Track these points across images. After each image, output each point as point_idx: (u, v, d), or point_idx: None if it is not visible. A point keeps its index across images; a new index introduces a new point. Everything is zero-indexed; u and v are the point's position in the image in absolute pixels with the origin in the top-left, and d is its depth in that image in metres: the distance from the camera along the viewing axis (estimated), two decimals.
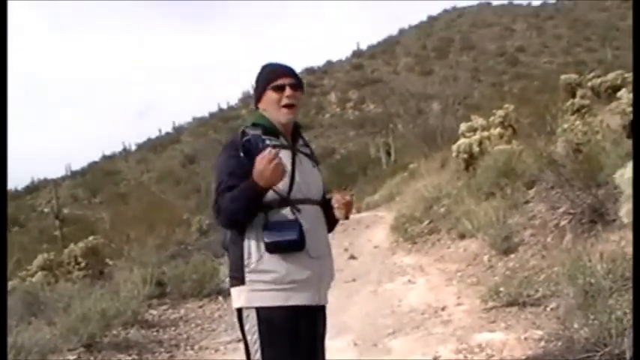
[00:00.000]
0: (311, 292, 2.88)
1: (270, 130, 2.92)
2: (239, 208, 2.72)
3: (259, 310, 2.78)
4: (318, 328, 3.00)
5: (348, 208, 2.97)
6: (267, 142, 2.83)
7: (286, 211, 2.82)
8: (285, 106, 2.94)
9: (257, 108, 3.07)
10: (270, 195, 2.77)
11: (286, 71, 3.00)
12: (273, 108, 2.95)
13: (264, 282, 2.76)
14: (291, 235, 2.78)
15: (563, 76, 12.71)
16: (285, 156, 2.84)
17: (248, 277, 2.78)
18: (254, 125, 2.93)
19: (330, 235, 3.07)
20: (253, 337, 2.81)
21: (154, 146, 62.67)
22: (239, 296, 2.82)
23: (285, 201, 2.82)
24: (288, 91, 2.94)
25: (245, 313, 2.82)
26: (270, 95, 2.96)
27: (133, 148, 65.09)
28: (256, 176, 2.65)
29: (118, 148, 65.16)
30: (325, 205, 3.00)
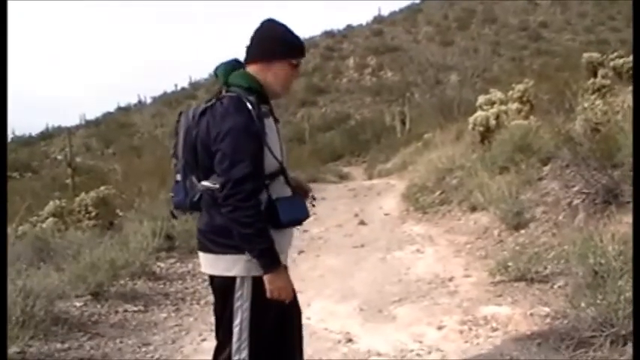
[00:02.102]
0: (287, 259, 2.93)
1: (264, 98, 2.85)
2: (252, 230, 2.68)
3: (255, 279, 2.79)
4: None
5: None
6: (263, 109, 2.78)
7: (282, 183, 2.86)
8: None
9: (246, 65, 2.90)
10: (273, 164, 2.79)
11: (304, 49, 2.94)
12: (279, 81, 2.87)
13: None
14: (302, 212, 2.90)
15: (585, 55, 12.52)
16: (272, 125, 2.85)
17: None
18: (249, 90, 2.81)
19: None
20: (245, 304, 2.81)
21: (168, 101, 62.38)
22: (234, 265, 2.79)
23: (281, 170, 2.84)
24: (297, 72, 2.91)
25: (239, 282, 2.81)
26: (285, 69, 2.87)
27: (149, 101, 64.97)
28: (279, 281, 2.77)
29: (133, 100, 65.12)
30: None
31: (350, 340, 4.70)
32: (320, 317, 5.32)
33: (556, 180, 7.36)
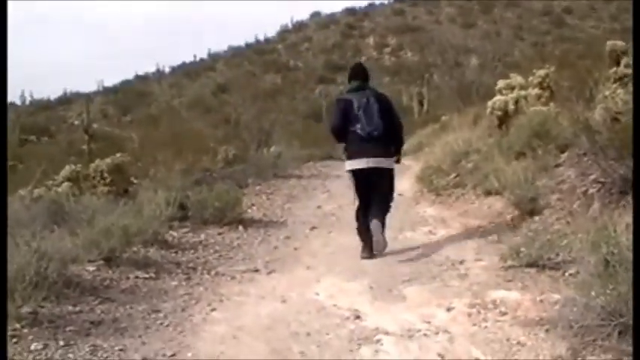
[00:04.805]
0: None
1: None
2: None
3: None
4: None
5: None
6: None
7: None
8: None
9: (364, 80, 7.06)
10: None
11: None
12: None
13: None
14: None
15: (608, 42, 12.34)
16: None
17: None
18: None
19: None
20: (393, 179, 7.05)
21: (187, 71, 62.35)
22: (391, 164, 6.97)
23: None
24: None
25: (393, 171, 7.05)
26: None
27: (167, 70, 64.89)
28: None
29: (152, 69, 64.92)
30: None
31: (358, 318, 4.71)
32: (329, 293, 5.36)
33: (573, 168, 7.33)
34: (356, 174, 6.82)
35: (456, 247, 6.80)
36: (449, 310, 4.78)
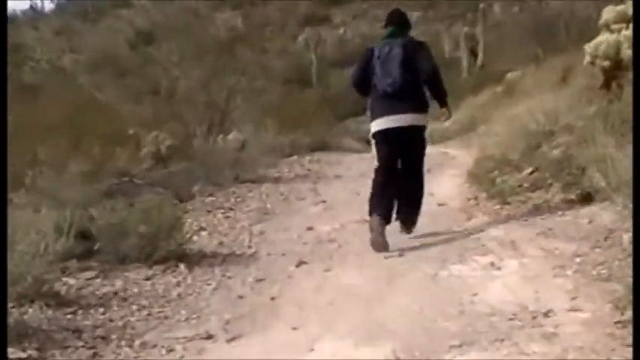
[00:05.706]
0: None
1: None
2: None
3: None
4: None
5: None
6: None
7: None
8: None
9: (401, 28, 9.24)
10: None
11: None
12: None
13: None
14: None
15: None
16: None
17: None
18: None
19: None
20: (426, 136, 9.24)
21: (83, 10, 62.05)
22: (425, 120, 9.06)
23: None
24: None
25: (425, 128, 9.14)
26: None
27: (49, 7, 64.48)
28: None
29: (23, 6, 64.48)
30: None
31: None
32: None
33: None
34: (380, 137, 8.91)
35: (536, 288, 6.72)
36: None
